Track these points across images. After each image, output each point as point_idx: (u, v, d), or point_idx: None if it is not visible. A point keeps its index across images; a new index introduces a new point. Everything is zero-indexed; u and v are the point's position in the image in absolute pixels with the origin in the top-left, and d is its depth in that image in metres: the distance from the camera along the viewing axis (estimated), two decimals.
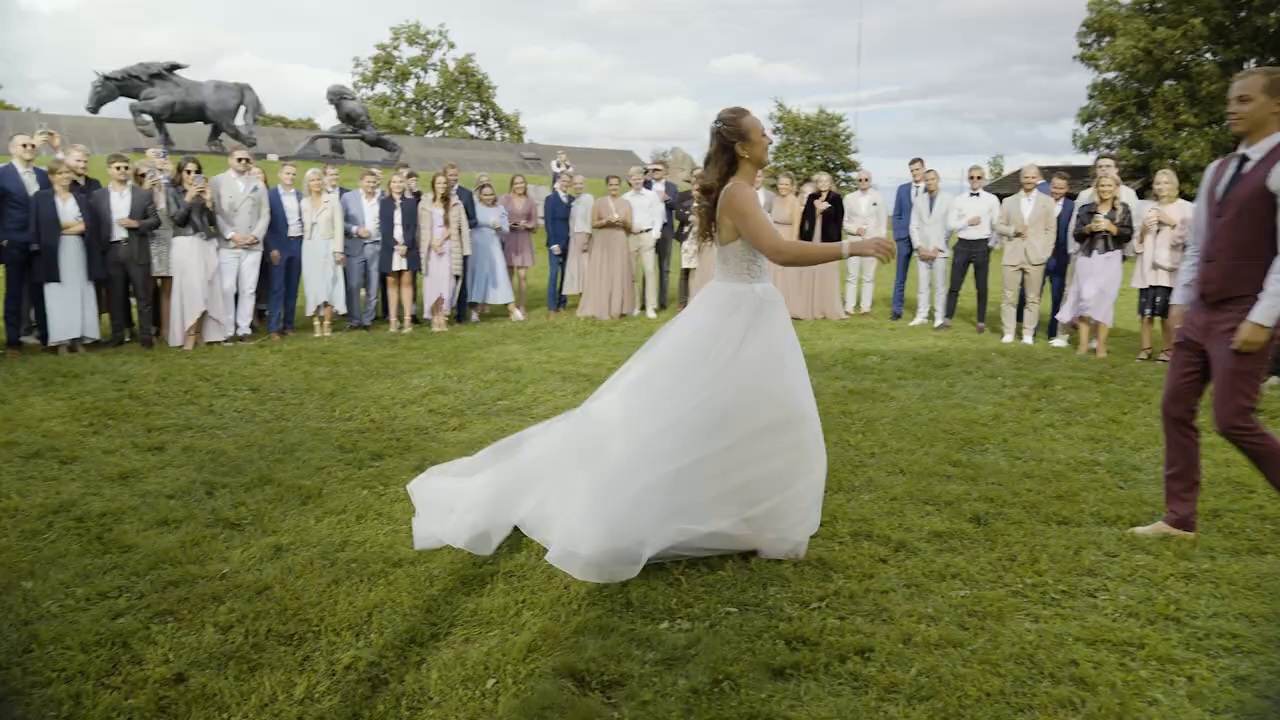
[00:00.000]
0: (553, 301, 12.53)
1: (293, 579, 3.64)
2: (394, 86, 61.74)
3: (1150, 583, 3.74)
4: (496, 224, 11.61)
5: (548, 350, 9.28)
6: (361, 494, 4.72)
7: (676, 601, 3.51)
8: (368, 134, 31.41)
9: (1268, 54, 34.03)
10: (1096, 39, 38.27)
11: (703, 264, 11.88)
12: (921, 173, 11.78)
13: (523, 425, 6.12)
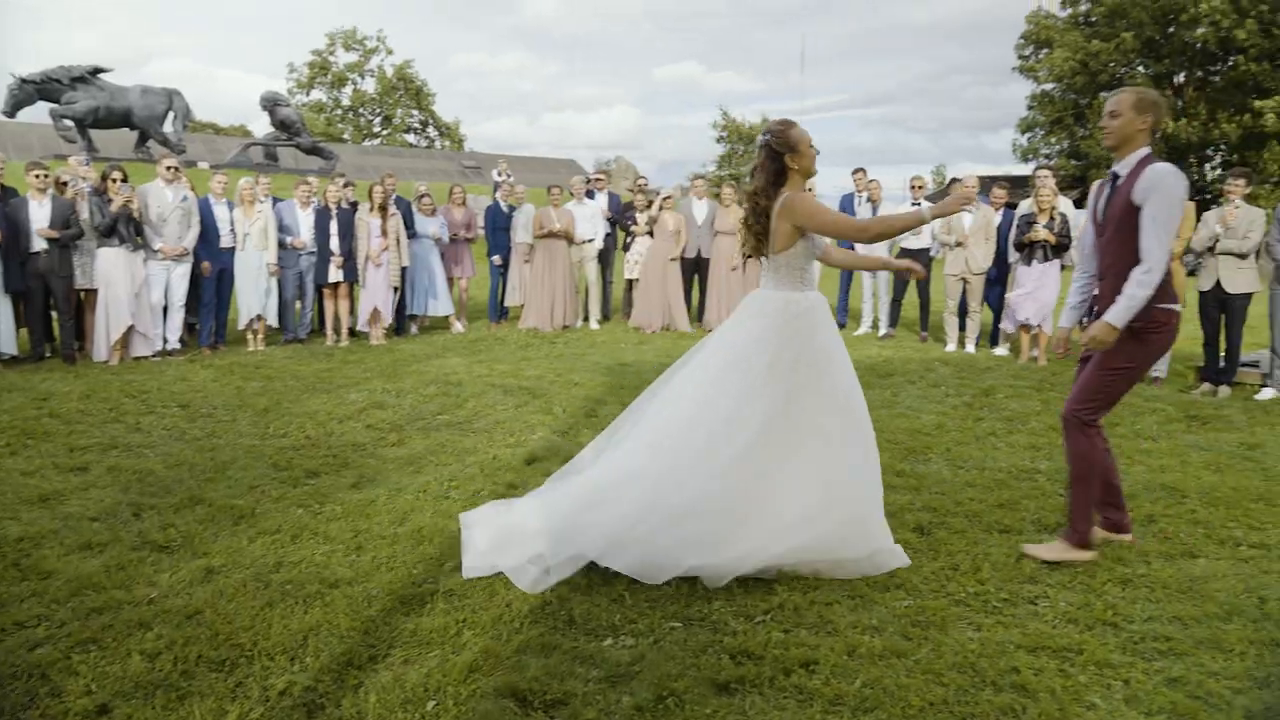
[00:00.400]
0: (494, 313, 12.48)
1: (224, 602, 3.58)
2: (330, 93, 61.07)
3: (1088, 589, 3.84)
4: (436, 234, 11.54)
5: (489, 363, 9.24)
6: (297, 513, 4.66)
7: (620, 618, 3.51)
8: (303, 142, 31.00)
9: (1195, 68, 35.23)
10: (1034, 51, 39.27)
11: (646, 275, 11.93)
12: (864, 182, 11.97)
13: (464, 440, 6.11)
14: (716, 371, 4.08)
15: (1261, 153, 31.38)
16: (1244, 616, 3.57)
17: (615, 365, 9.17)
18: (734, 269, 11.91)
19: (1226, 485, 5.31)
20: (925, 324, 11.57)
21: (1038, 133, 40.77)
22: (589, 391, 7.81)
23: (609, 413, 7.00)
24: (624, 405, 7.11)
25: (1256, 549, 4.31)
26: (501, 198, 12.55)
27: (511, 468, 5.50)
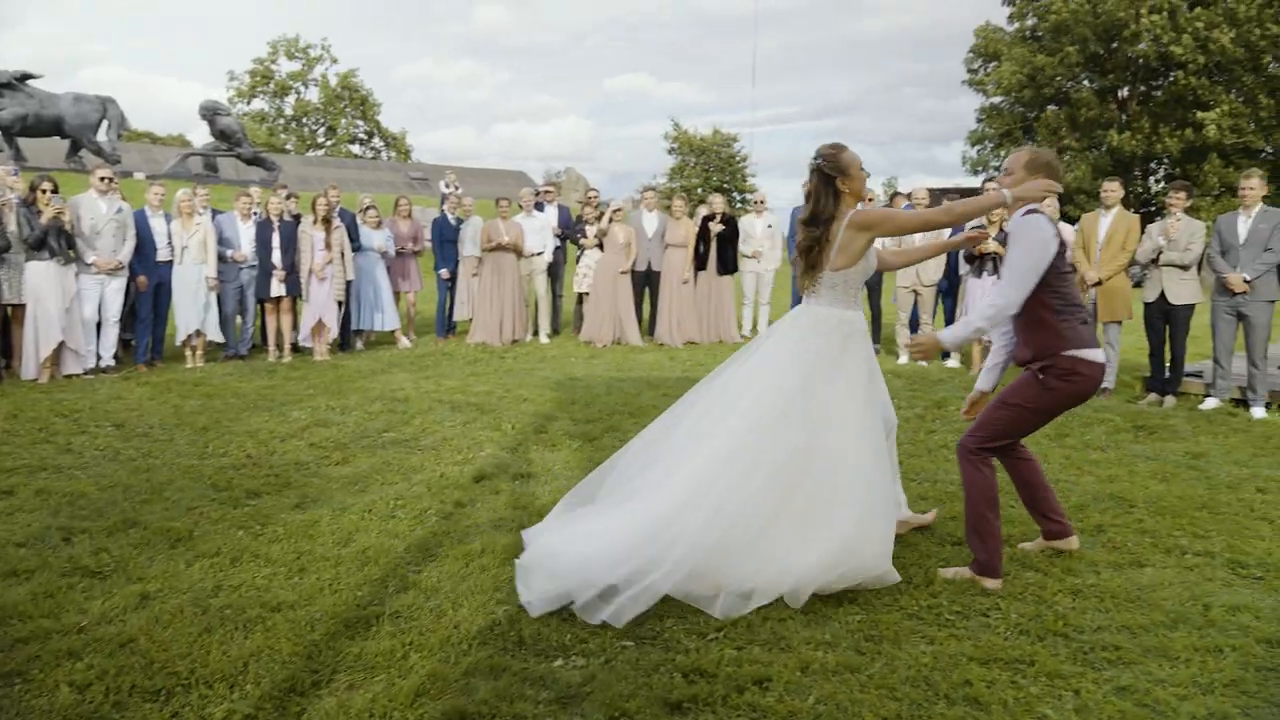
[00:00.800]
0: (441, 328, 12.40)
1: (160, 629, 3.50)
2: (272, 102, 60.47)
3: (1039, 599, 3.90)
4: (382, 247, 11.45)
5: (436, 379, 9.17)
6: (237, 535, 4.57)
7: (570, 637, 3.50)
8: (244, 152, 30.61)
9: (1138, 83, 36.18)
10: (984, 64, 40.07)
11: (596, 288, 11.94)
12: None
13: (410, 458, 6.06)
14: (773, 387, 4.11)
15: (1202, 165, 32.29)
16: (1189, 624, 3.65)
17: (565, 380, 9.16)
18: (685, 282, 11.97)
19: (1172, 494, 5.44)
20: (877, 336, 11.69)
21: (987, 145, 41.56)
22: (538, 407, 7.79)
23: (559, 428, 6.99)
24: (574, 420, 7.17)
25: (1200, 557, 4.42)
26: (449, 210, 12.49)
27: (459, 485, 5.46)
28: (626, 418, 7.34)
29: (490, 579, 4.02)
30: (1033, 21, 37.85)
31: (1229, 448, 6.71)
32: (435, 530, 4.68)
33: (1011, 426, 4.16)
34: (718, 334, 12.34)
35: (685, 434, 4.23)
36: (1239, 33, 30.57)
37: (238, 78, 59.50)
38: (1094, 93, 36.19)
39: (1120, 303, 8.64)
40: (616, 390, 8.57)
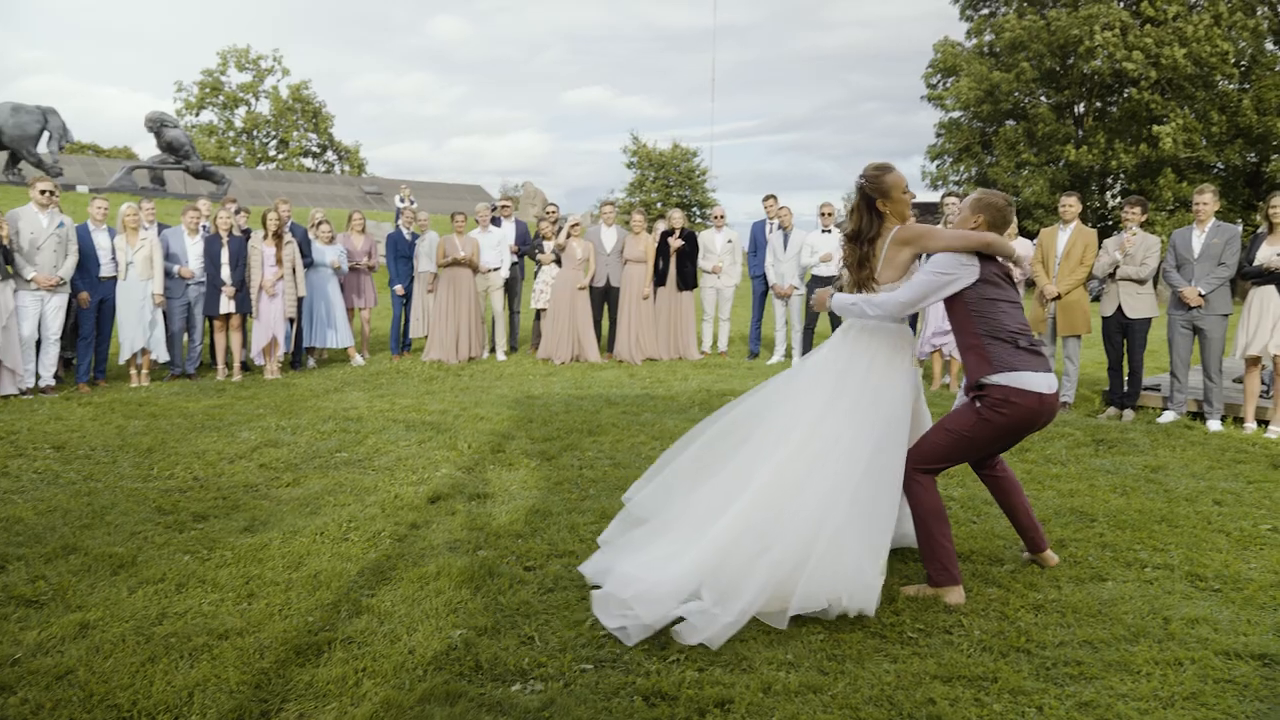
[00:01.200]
0: (396, 345, 12.31)
1: (101, 660, 3.42)
2: (222, 114, 59.87)
3: (1002, 615, 3.93)
4: (335, 263, 11.35)
5: (390, 398, 9.09)
6: (183, 560, 4.49)
7: (529, 661, 3.47)
8: (192, 165, 30.23)
9: (1093, 98, 36.93)
10: (942, 79, 40.65)
11: (554, 304, 11.91)
12: (775, 209, 12.19)
13: (363, 478, 5.99)
14: (832, 397, 4.20)
15: (1157, 180, 32.97)
16: (1149, 638, 3.70)
17: (523, 398, 9.12)
18: (644, 298, 11.99)
19: (1132, 508, 5.52)
20: None
21: (946, 160, 42.12)
22: (495, 426, 7.75)
23: (517, 447, 6.96)
24: (532, 439, 7.14)
25: (1160, 570, 4.49)
26: (404, 225, 12.42)
27: (414, 507, 5.41)
28: (585, 436, 7.32)
29: (445, 602, 3.97)
30: (990, 37, 38.52)
31: (1186, 461, 6.83)
32: (389, 553, 4.62)
33: (949, 452, 4.21)
34: (678, 350, 12.35)
35: (749, 453, 4.23)
36: (1190, 50, 31.34)
37: (186, 89, 58.90)
38: (1050, 108, 36.85)
39: (1079, 317, 8.78)
40: (575, 408, 8.55)
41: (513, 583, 4.21)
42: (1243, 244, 8.18)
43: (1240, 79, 33.30)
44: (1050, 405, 4.10)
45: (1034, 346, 4.11)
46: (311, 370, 11.09)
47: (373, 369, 11.24)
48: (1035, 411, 4.06)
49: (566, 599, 4.03)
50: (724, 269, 12.48)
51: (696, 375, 10.88)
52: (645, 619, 3.66)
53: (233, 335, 10.39)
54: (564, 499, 5.57)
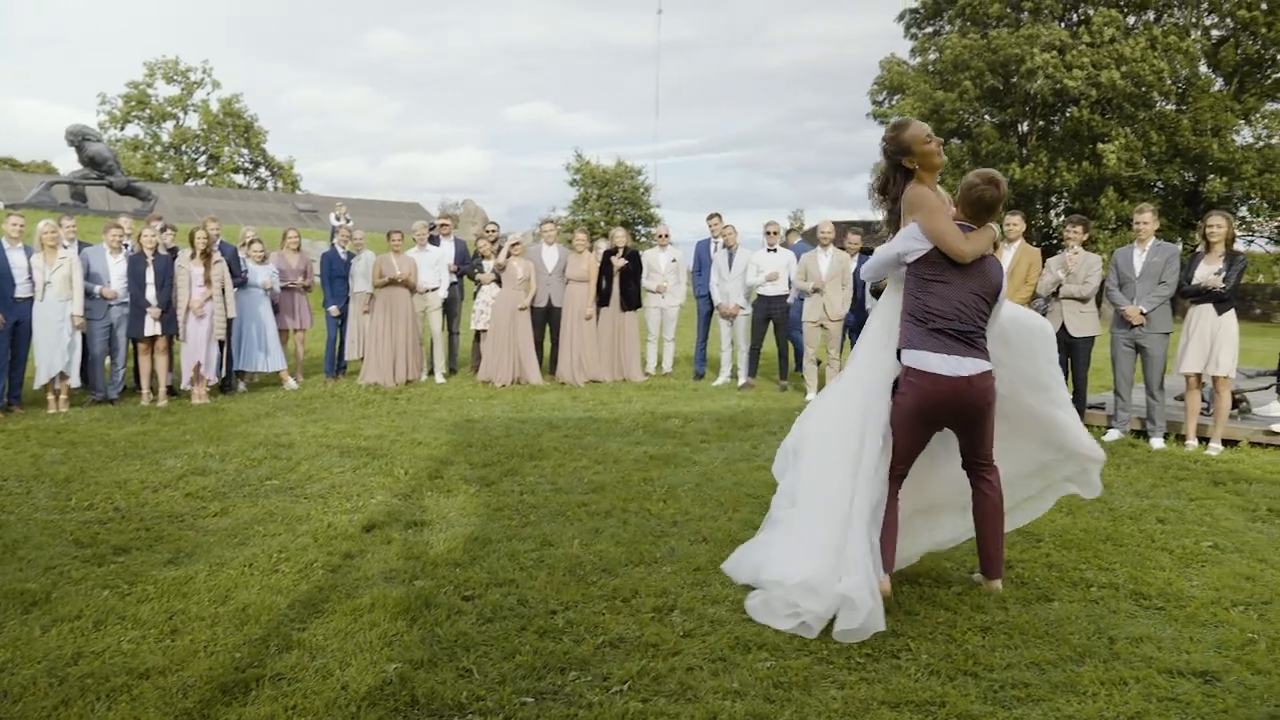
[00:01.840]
0: (330, 368, 12.15)
1: (9, 704, 3.31)
2: (149, 128, 58.80)
3: (950, 638, 3.97)
4: (267, 283, 11.19)
5: (324, 422, 8.97)
6: (101, 595, 4.37)
7: (467, 695, 3.43)
8: (116, 181, 29.62)
9: (1036, 117, 37.86)
10: (888, 97, 41.37)
11: (495, 325, 11.85)
12: (719, 227, 12.27)
13: (295, 507, 5.89)
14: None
15: (1099, 198, 33.84)
16: (1095, 657, 3.77)
17: (462, 422, 9.05)
18: (587, 318, 11.98)
19: (1078, 528, 5.63)
20: (784, 373, 11.88)
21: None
22: (433, 451, 7.68)
23: (455, 473, 6.89)
24: (471, 464, 7.08)
25: (1106, 589, 4.58)
26: (339, 243, 12.29)
27: (348, 536, 5.33)
28: (526, 461, 7.28)
29: (380, 635, 3.92)
30: (934, 56, 39.32)
31: (1130, 479, 6.98)
32: (321, 584, 4.55)
33: (896, 443, 4.36)
34: (621, 372, 12.35)
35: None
36: (1128, 69, 32.29)
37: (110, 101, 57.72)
38: (994, 127, 37.69)
39: None
40: (516, 432, 8.50)
41: (450, 613, 4.16)
42: (1182, 263, 8.42)
43: (1178, 100, 34.40)
44: (951, 388, 4.19)
45: (953, 330, 4.21)
46: (242, 395, 10.90)
47: (306, 393, 11.08)
48: (932, 393, 4.20)
49: (505, 629, 3.99)
50: (668, 288, 12.52)
51: (640, 397, 10.89)
52: (817, 609, 4.00)
53: (158, 358, 10.18)
54: (504, 526, 5.53)
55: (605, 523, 5.61)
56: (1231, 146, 32.77)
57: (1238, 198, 33.61)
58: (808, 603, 4.01)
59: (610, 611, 4.21)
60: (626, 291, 12.20)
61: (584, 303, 11.98)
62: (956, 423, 4.37)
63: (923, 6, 40.31)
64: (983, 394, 4.26)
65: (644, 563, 4.90)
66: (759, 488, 6.51)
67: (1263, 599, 4.46)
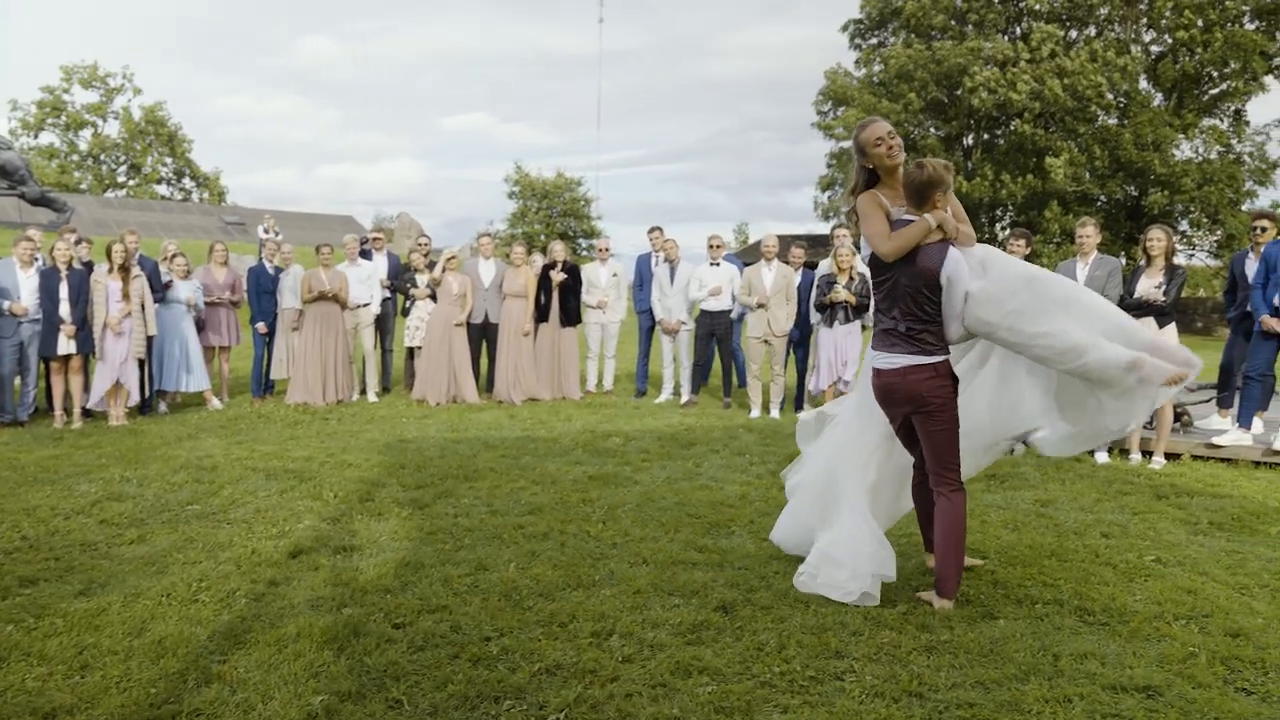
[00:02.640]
0: (257, 387, 11.96)
1: None
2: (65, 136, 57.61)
3: (895, 659, 4.00)
4: (190, 299, 10.99)
5: (250, 444, 8.81)
6: (5, 630, 4.23)
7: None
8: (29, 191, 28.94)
9: (981, 130, 38.68)
10: (833, 107, 41.97)
11: (429, 342, 11.76)
12: (661, 241, 12.31)
13: (217, 532, 5.78)
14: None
15: (1044, 212, 34.64)
16: (1040, 675, 3.82)
17: (395, 442, 8.96)
18: (525, 334, 11.93)
19: (1023, 544, 5.71)
20: (728, 390, 11.93)
21: (838, 190, 43.37)
22: (365, 473, 7.58)
23: (387, 495, 6.81)
24: (404, 486, 7.01)
25: (1050, 605, 4.64)
26: (267, 257, 12.11)
27: (273, 562, 5.23)
28: (461, 482, 7.22)
29: (305, 665, 3.84)
30: (879, 68, 40.00)
31: (1075, 494, 7.11)
32: (244, 614, 4.45)
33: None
34: (560, 390, 12.31)
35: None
36: (1068, 82, 33.16)
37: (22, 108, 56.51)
38: (939, 139, 38.43)
39: None
40: (451, 452, 8.43)
41: (380, 642, 4.09)
42: (1124, 277, 8.62)
43: (1120, 115, 35.37)
44: (884, 382, 4.66)
45: (896, 330, 4.60)
46: (163, 416, 10.68)
47: (231, 413, 10.89)
48: (877, 386, 4.72)
49: (438, 657, 3.94)
50: (609, 304, 12.52)
51: (580, 416, 10.87)
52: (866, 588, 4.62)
53: (73, 378, 9.94)
54: (437, 550, 5.46)
55: (542, 545, 5.57)
56: (1172, 161, 33.79)
57: (1179, 211, 34.62)
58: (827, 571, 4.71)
59: (547, 637, 4.18)
60: (566, 307, 12.18)
61: (522, 318, 11.93)
62: (906, 420, 4.72)
63: (867, 17, 41.04)
64: (913, 386, 4.55)
65: (582, 586, 4.87)
66: (701, 507, 6.52)
67: (1204, 612, 4.56)
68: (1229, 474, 7.91)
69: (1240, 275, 8.96)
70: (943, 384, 4.56)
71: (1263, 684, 3.77)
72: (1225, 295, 9.55)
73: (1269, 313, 8.05)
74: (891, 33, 40.57)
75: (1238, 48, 33.06)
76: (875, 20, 40.90)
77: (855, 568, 4.64)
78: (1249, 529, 6.18)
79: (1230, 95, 35.92)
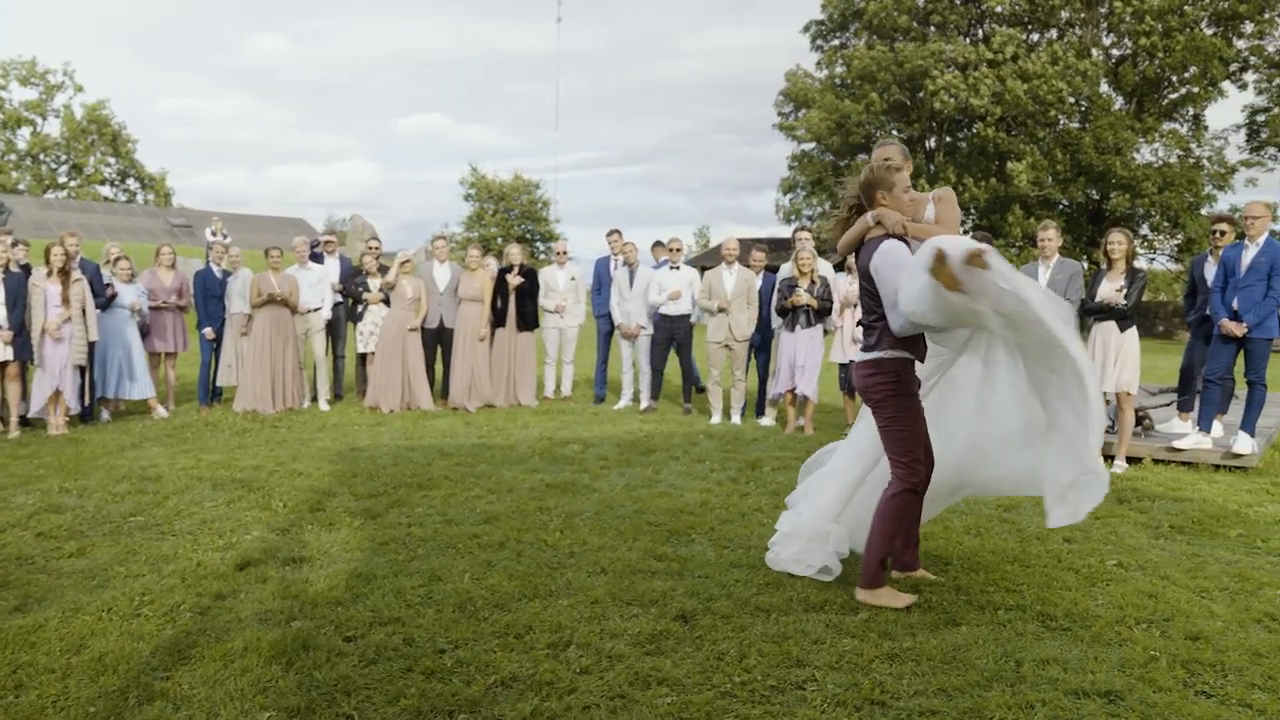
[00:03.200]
0: (204, 394, 11.81)
1: None
2: (1, 134, 56.62)
3: (856, 667, 4.02)
4: (135, 304, 10.83)
5: (196, 453, 8.69)
6: None
7: None
8: None
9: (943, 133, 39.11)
10: (794, 109, 42.26)
11: (382, 348, 11.68)
12: (619, 244, 12.31)
13: (161, 544, 5.70)
14: None
15: (1006, 216, 35.09)
16: (1003, 682, 3.85)
17: (347, 451, 8.88)
18: (481, 340, 11.89)
19: (986, 549, 5.77)
20: (688, 395, 11.95)
21: (799, 193, 43.67)
22: (315, 482, 7.50)
23: (338, 505, 6.75)
24: (356, 496, 6.96)
25: (1013, 611, 4.69)
26: (214, 261, 11.97)
27: (220, 575, 5.16)
28: (415, 491, 7.17)
29: (252, 681, 3.79)
30: (841, 69, 40.32)
31: (1038, 499, 7.17)
32: (189, 628, 4.39)
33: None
34: (517, 396, 12.27)
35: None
36: (1030, 87, 33.64)
37: None
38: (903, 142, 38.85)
39: None
40: (405, 460, 8.37)
41: (330, 655, 4.05)
42: (1086, 280, 8.75)
43: (1081, 118, 35.92)
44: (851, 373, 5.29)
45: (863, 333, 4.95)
46: (105, 424, 10.51)
47: (177, 422, 10.74)
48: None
49: (390, 671, 3.91)
50: (567, 308, 12.51)
51: (538, 422, 10.84)
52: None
53: (10, 385, 9.75)
54: (390, 560, 5.42)
55: (498, 555, 5.55)
56: (1133, 165, 34.36)
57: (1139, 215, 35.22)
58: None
59: (502, 649, 4.15)
60: (523, 311, 12.15)
61: (478, 323, 11.88)
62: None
63: (829, 18, 41.35)
64: (859, 381, 4.88)
65: (539, 596, 4.85)
66: (661, 515, 6.52)
67: (1165, 616, 4.63)
68: (1189, 477, 8.05)
69: (1200, 279, 9.12)
70: (882, 381, 4.74)
71: (1222, 687, 3.84)
72: (1185, 299, 9.72)
73: (1228, 316, 8.19)
74: (854, 34, 40.91)
75: (1198, 52, 33.72)
76: (837, 21, 41.24)
77: (810, 542, 5.15)
78: (1209, 532, 6.29)
79: (1190, 100, 36.64)
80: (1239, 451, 8.25)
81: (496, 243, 44.04)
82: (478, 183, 50.45)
